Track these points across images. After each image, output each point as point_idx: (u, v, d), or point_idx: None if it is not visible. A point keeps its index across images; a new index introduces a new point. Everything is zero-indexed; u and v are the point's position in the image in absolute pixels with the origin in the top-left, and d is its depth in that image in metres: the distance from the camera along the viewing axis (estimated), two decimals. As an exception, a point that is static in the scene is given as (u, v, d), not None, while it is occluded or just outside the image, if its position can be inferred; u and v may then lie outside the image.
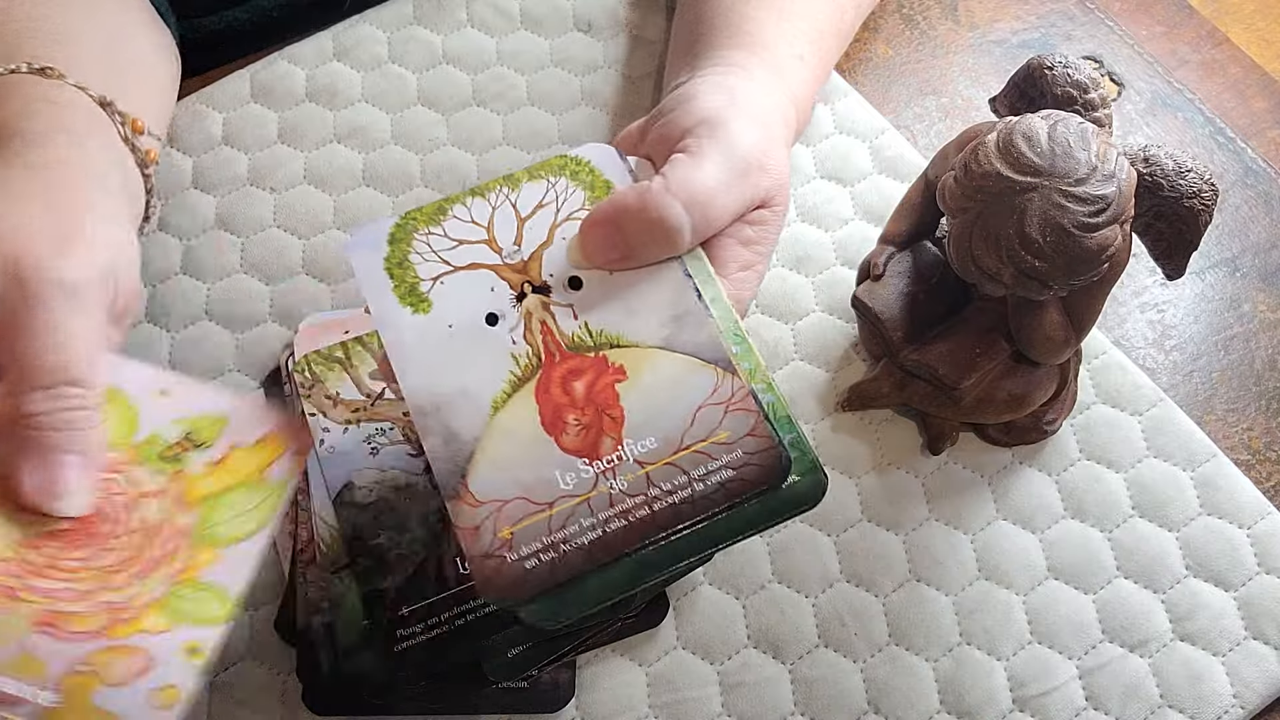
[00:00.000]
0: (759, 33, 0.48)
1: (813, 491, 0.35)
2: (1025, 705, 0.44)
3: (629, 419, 0.35)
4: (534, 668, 0.41)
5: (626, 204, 0.38)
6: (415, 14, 0.60)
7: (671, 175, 0.39)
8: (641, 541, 0.34)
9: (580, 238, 0.38)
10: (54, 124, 0.41)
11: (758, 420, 0.35)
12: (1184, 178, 0.41)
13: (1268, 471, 0.49)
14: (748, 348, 0.37)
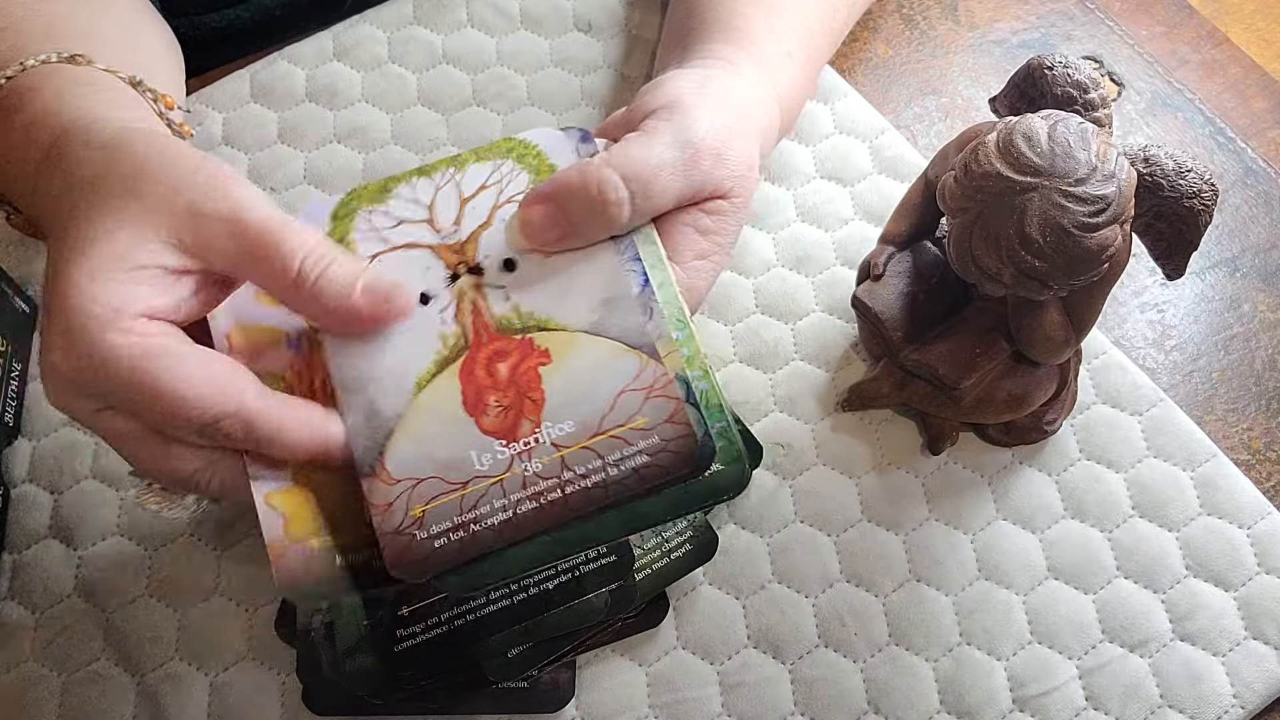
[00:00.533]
0: (748, 28, 0.48)
1: (736, 481, 0.35)
2: (1025, 705, 0.44)
3: (549, 402, 0.36)
4: (534, 668, 0.41)
5: (566, 180, 0.38)
6: (415, 14, 0.60)
7: (615, 151, 0.39)
8: (552, 524, 0.34)
9: (520, 216, 0.38)
10: (103, 104, 0.41)
11: (677, 407, 0.35)
12: (1184, 178, 0.41)
13: (1268, 471, 0.49)
14: (689, 334, 0.37)
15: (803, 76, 0.50)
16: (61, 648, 0.44)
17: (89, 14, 0.46)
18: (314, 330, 0.37)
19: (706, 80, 0.43)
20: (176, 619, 0.44)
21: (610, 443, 0.35)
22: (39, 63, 0.42)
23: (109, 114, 0.40)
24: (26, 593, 0.45)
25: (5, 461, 0.47)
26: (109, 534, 0.46)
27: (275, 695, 0.43)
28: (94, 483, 0.47)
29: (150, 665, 0.43)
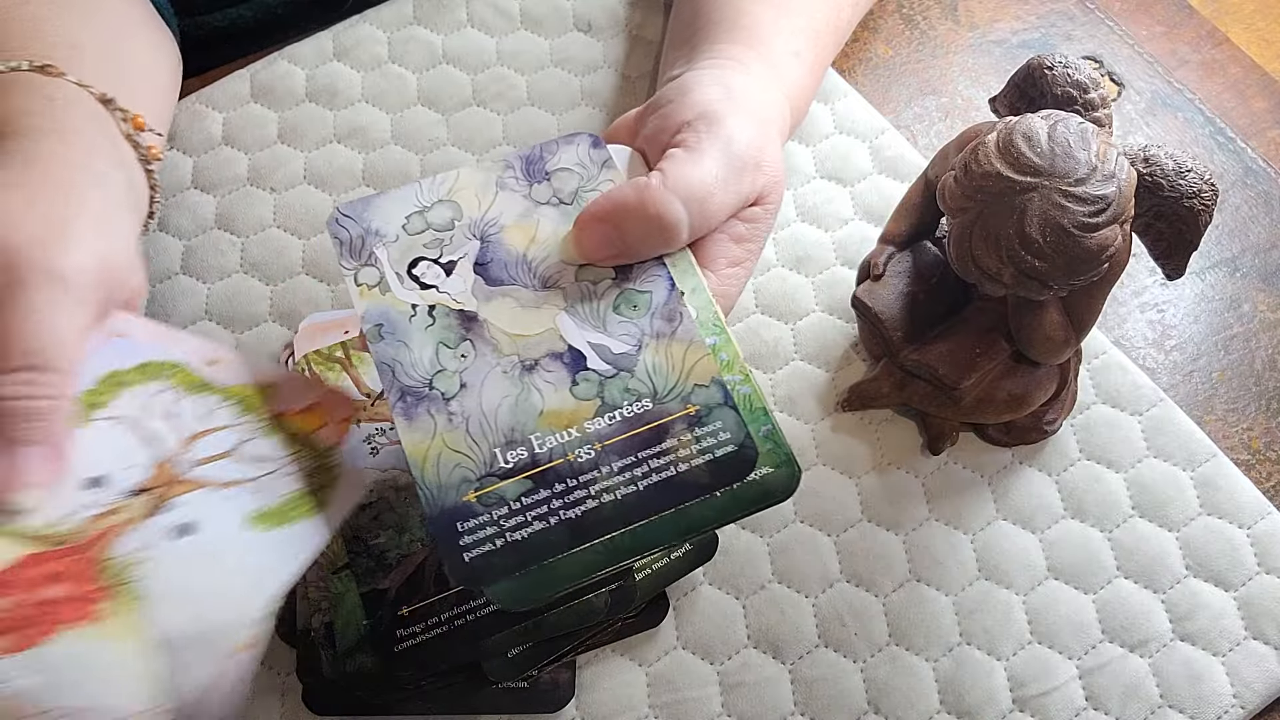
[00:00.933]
0: (756, 28, 0.48)
1: (786, 484, 0.35)
2: (1025, 705, 0.44)
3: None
4: (534, 668, 0.41)
5: (625, 201, 0.38)
6: (415, 14, 0.60)
7: (670, 171, 0.39)
8: (610, 529, 0.34)
9: (577, 234, 0.38)
10: (53, 121, 0.41)
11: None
12: (1184, 178, 0.41)
13: (1268, 471, 0.49)
14: (726, 338, 0.37)
15: (810, 76, 0.50)
16: (61, 648, 0.44)
17: (74, 21, 0.46)
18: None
19: (729, 86, 0.43)
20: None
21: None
22: (8, 69, 0.42)
23: (44, 139, 0.40)
24: (26, 593, 0.45)
25: (5, 461, 0.47)
26: (109, 534, 0.46)
27: (275, 695, 0.43)
28: (94, 483, 0.47)
29: (150, 665, 0.43)
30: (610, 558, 0.33)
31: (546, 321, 0.37)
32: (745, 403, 0.36)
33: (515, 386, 0.35)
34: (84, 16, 0.47)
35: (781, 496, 0.35)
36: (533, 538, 0.33)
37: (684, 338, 0.36)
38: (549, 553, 0.33)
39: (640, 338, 0.37)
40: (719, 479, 0.34)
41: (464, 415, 0.35)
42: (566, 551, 0.33)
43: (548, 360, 0.36)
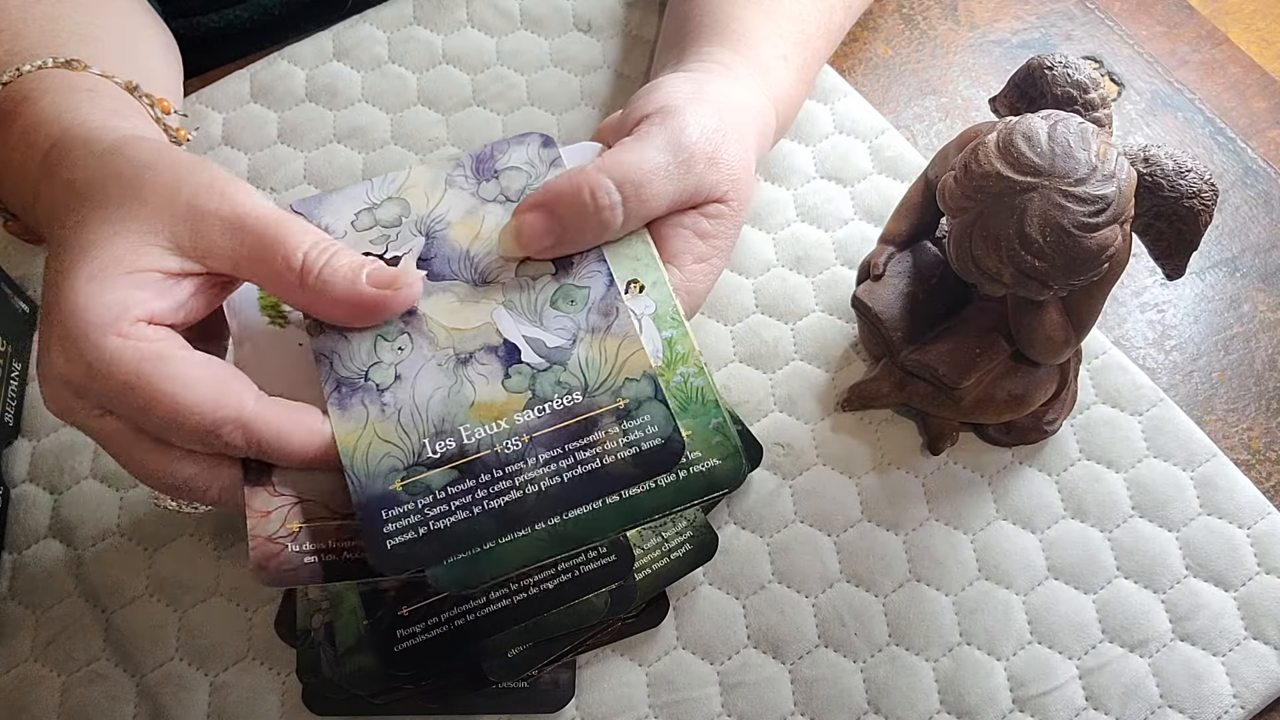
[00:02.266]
0: (745, 32, 0.48)
1: (732, 476, 0.35)
2: (1025, 705, 0.44)
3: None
4: (534, 668, 0.41)
5: (558, 186, 0.38)
6: (415, 14, 0.60)
7: (608, 157, 0.39)
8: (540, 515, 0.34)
9: (513, 223, 0.38)
10: (99, 109, 0.41)
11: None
12: (1184, 178, 0.41)
13: (1268, 471, 0.49)
14: (683, 331, 0.37)
15: (799, 80, 0.50)
16: (61, 648, 0.44)
17: (85, 16, 0.46)
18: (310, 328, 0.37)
19: (700, 84, 0.43)
20: (176, 619, 0.44)
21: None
22: (35, 68, 0.42)
23: (106, 120, 0.39)
24: (26, 593, 0.45)
25: (5, 461, 0.47)
26: (109, 534, 0.46)
27: (275, 695, 0.43)
28: (94, 483, 0.47)
29: (150, 665, 0.43)
30: (555, 545, 0.34)
31: (484, 315, 0.37)
32: (696, 395, 0.36)
33: (449, 379, 0.36)
34: (93, 13, 0.47)
35: (727, 487, 0.35)
36: (455, 526, 0.34)
37: (619, 333, 0.37)
38: (473, 542, 0.34)
39: (575, 332, 0.37)
40: (646, 471, 0.35)
41: (396, 406, 0.35)
42: (496, 541, 0.34)
43: (482, 353, 0.36)
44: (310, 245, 0.35)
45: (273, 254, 0.35)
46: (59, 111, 0.40)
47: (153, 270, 0.34)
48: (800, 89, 0.51)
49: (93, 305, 0.33)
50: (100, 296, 0.33)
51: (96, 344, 0.32)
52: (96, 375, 0.33)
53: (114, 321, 0.33)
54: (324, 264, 0.35)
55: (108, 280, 0.33)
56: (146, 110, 0.44)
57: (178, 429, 0.33)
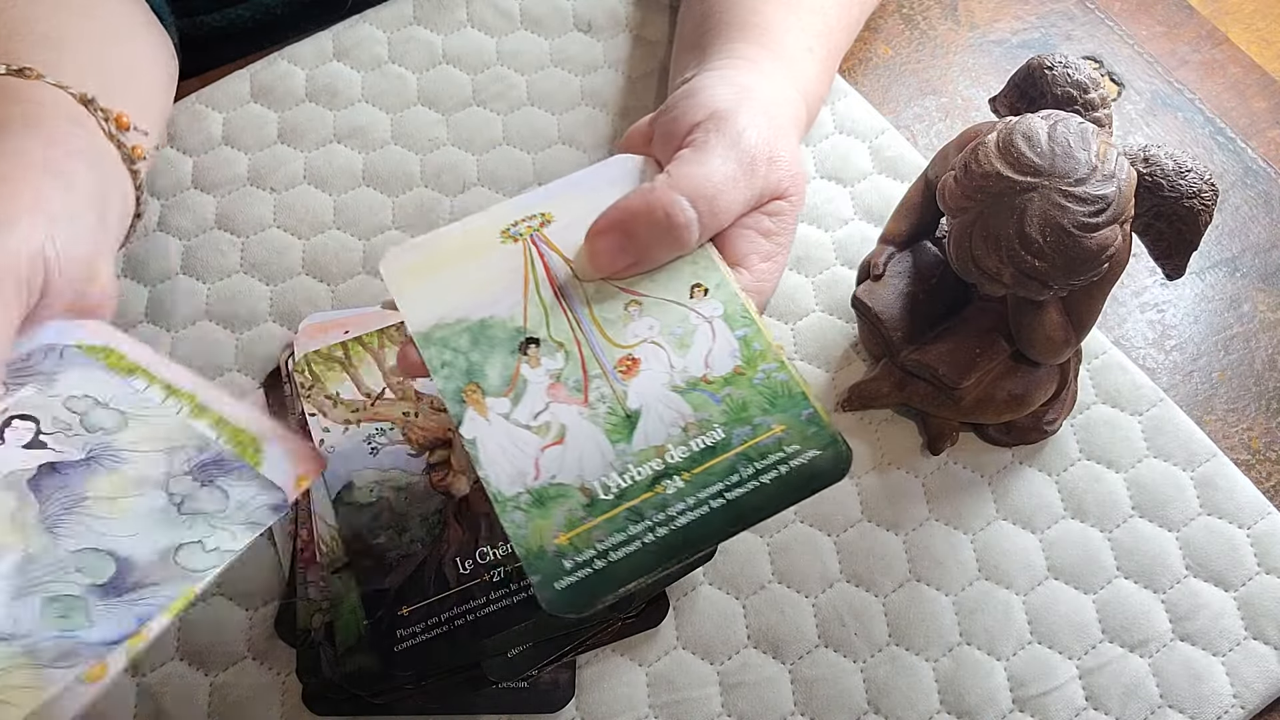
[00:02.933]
0: (768, 26, 0.48)
1: (833, 465, 0.35)
2: (1025, 705, 0.44)
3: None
4: (534, 668, 0.41)
5: (631, 206, 0.38)
6: (415, 14, 0.60)
7: (676, 172, 0.39)
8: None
9: (588, 248, 0.38)
10: (24, 121, 0.40)
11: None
12: (1184, 178, 0.41)
13: (1268, 471, 0.49)
14: (756, 329, 0.37)
15: (823, 72, 0.50)
16: (61, 648, 0.44)
17: (63, 19, 0.46)
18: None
19: (741, 86, 0.43)
20: (177, 619, 0.44)
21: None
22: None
23: (12, 138, 0.40)
24: (26, 593, 0.45)
25: (5, 461, 0.47)
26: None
27: (275, 695, 0.43)
28: (94, 483, 0.47)
29: (150, 665, 0.43)
30: (664, 555, 0.33)
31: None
32: (782, 390, 0.36)
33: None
34: (73, 17, 0.46)
35: (832, 478, 0.35)
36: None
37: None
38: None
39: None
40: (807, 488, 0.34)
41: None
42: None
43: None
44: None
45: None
46: None
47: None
48: (825, 81, 0.51)
49: None
50: None
51: None
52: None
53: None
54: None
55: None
56: (100, 124, 0.44)
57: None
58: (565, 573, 0.32)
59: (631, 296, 0.38)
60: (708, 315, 0.38)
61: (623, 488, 0.34)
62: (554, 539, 0.33)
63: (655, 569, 0.33)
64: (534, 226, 0.40)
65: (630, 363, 0.37)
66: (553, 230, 0.39)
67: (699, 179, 0.38)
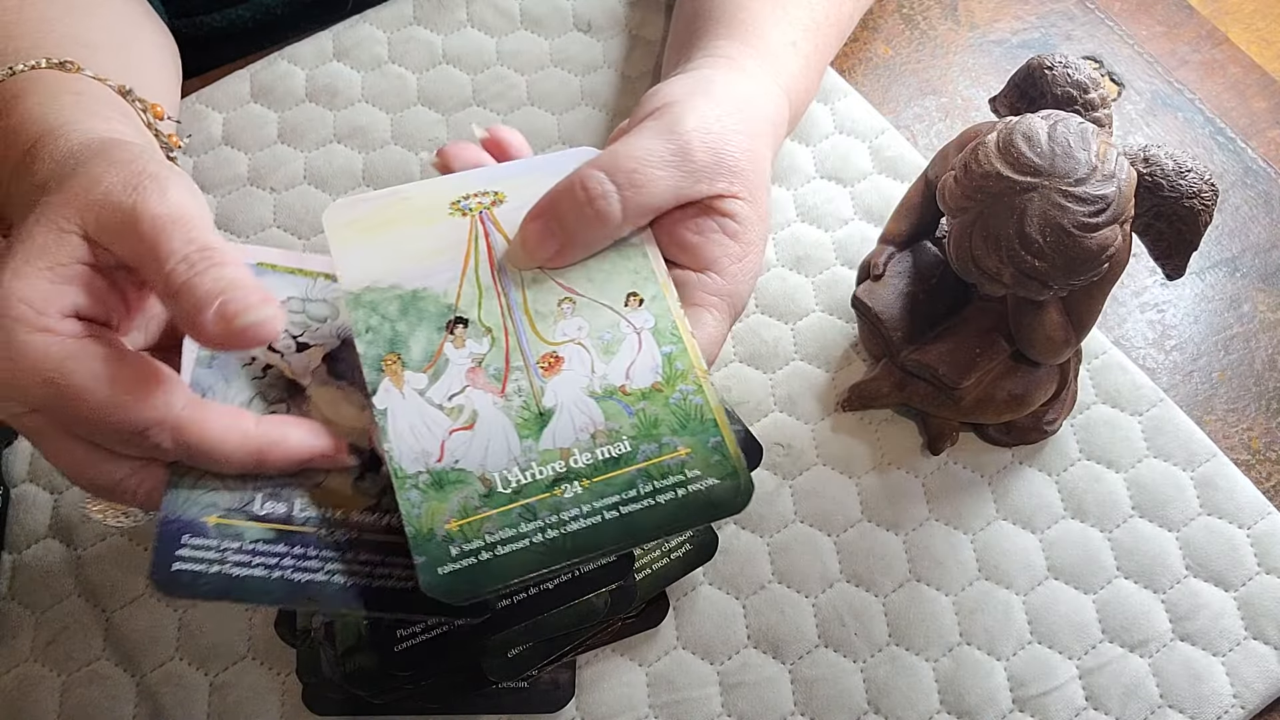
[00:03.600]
0: (751, 22, 0.48)
1: (731, 498, 0.35)
2: (1025, 705, 0.44)
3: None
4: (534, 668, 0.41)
5: (554, 190, 0.38)
6: (415, 14, 0.60)
7: (602, 153, 0.39)
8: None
9: (521, 238, 0.38)
10: (83, 111, 0.40)
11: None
12: (1184, 178, 0.41)
13: (1268, 471, 0.49)
14: (683, 348, 0.37)
15: (809, 67, 0.50)
16: (61, 648, 0.44)
17: (81, 18, 0.46)
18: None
19: (703, 80, 0.43)
20: (176, 619, 0.44)
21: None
22: (28, 68, 0.42)
23: (86, 122, 0.39)
24: (26, 593, 0.45)
25: (5, 461, 0.47)
26: (109, 534, 0.46)
27: (275, 695, 0.43)
28: (94, 483, 0.47)
29: (150, 665, 0.43)
30: (551, 558, 0.33)
31: (365, 420, 0.37)
32: (695, 413, 0.36)
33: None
34: (89, 14, 0.47)
35: (727, 509, 0.35)
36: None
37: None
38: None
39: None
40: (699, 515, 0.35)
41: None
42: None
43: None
44: (181, 258, 0.32)
45: (154, 255, 0.33)
46: (44, 112, 0.40)
47: (76, 263, 0.33)
48: (811, 75, 0.51)
49: (14, 300, 0.32)
50: (23, 291, 0.32)
51: (19, 339, 0.31)
52: (19, 371, 0.32)
53: (36, 317, 0.32)
54: (185, 279, 0.32)
55: (32, 275, 0.32)
56: (139, 115, 0.44)
57: (102, 428, 0.32)
58: (450, 559, 0.33)
59: (567, 293, 0.38)
60: (638, 326, 0.37)
61: (522, 484, 0.34)
62: (445, 524, 0.33)
63: (539, 570, 0.33)
64: (485, 204, 0.39)
65: (553, 360, 0.37)
66: (502, 211, 0.39)
67: (619, 155, 0.38)
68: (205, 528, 0.34)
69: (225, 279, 0.32)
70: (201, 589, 0.33)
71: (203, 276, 0.32)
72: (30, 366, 0.31)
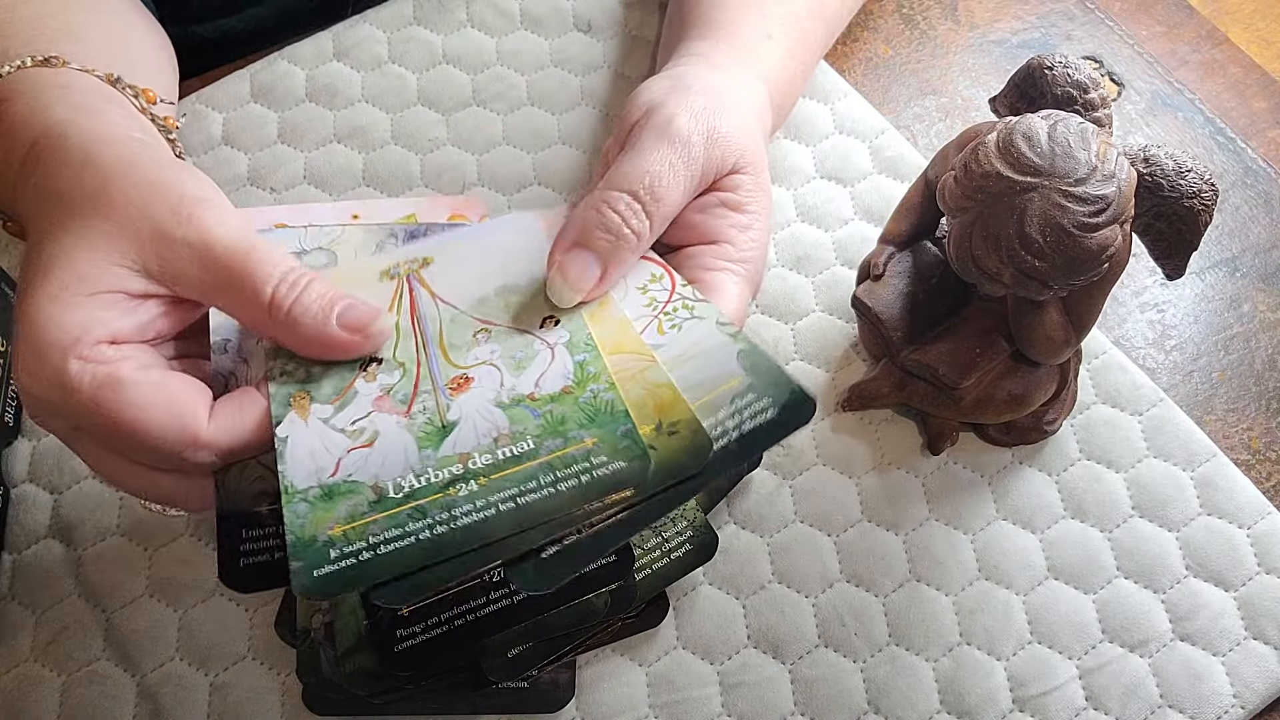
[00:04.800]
0: (726, 22, 0.49)
1: (638, 476, 0.35)
2: (1025, 705, 0.44)
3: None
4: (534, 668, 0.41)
5: (577, 217, 0.38)
6: (415, 14, 0.60)
7: (612, 173, 0.39)
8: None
9: (557, 271, 0.38)
10: (72, 106, 0.40)
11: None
12: (1184, 178, 0.41)
13: (1268, 471, 0.49)
14: (595, 354, 0.37)
15: (790, 58, 0.50)
16: (61, 648, 0.44)
17: (73, 14, 0.46)
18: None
19: (680, 77, 0.44)
20: (176, 619, 0.44)
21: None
22: (14, 69, 0.42)
23: (83, 120, 0.39)
24: (26, 593, 0.45)
25: (5, 461, 0.47)
26: (109, 534, 0.46)
27: (275, 695, 0.43)
28: (94, 483, 0.47)
29: (150, 665, 0.43)
30: (435, 550, 0.33)
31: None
32: (606, 407, 0.36)
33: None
34: (82, 11, 0.47)
35: (633, 485, 0.34)
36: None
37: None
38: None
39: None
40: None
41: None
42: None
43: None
44: (280, 279, 0.34)
45: (241, 286, 0.34)
46: (33, 112, 0.40)
47: (116, 291, 0.34)
48: (795, 67, 0.51)
49: (52, 327, 0.32)
50: (60, 318, 0.32)
51: (57, 367, 0.32)
52: (60, 396, 0.32)
53: (74, 344, 0.32)
54: (294, 299, 0.34)
55: (69, 301, 0.33)
56: (130, 101, 0.44)
57: (142, 452, 0.33)
58: (327, 561, 0.32)
59: (483, 326, 0.38)
60: (551, 342, 0.38)
61: (415, 488, 0.34)
62: (329, 530, 0.33)
63: (421, 564, 0.33)
64: (413, 268, 0.40)
65: (462, 380, 0.37)
66: (430, 271, 0.40)
67: (632, 172, 0.39)
68: (261, 517, 0.34)
69: (324, 292, 0.35)
70: (271, 578, 0.34)
71: (308, 294, 0.34)
72: (70, 393, 0.32)
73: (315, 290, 0.35)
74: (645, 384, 0.37)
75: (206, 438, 0.33)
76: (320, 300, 0.35)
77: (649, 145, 0.40)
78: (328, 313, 0.35)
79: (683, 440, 0.36)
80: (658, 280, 0.40)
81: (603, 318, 0.39)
